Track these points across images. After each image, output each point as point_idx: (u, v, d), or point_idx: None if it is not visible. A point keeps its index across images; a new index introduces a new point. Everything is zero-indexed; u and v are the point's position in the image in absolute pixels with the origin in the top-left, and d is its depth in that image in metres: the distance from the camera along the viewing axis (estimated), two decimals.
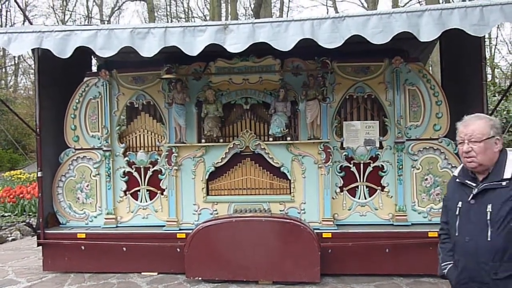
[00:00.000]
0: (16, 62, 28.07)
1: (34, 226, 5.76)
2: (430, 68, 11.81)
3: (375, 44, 3.80)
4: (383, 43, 3.76)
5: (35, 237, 7.45)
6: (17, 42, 4.10)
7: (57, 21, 28.61)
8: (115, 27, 4.03)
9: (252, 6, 19.05)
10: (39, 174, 5.62)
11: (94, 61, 7.03)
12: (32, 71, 28.03)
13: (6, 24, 25.84)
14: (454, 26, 3.65)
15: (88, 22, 27.52)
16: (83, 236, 5.55)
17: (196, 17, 28.48)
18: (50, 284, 5.30)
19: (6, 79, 28.58)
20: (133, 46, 3.98)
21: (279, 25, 3.83)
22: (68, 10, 29.11)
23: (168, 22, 25.22)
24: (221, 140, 5.53)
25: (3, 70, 26.41)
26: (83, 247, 5.55)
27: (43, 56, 5.39)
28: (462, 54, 5.57)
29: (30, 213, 8.96)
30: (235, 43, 3.82)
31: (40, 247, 5.75)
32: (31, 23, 6.37)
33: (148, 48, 3.95)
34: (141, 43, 3.96)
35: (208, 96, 5.44)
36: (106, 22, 27.22)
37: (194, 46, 3.90)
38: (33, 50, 5.04)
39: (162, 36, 3.93)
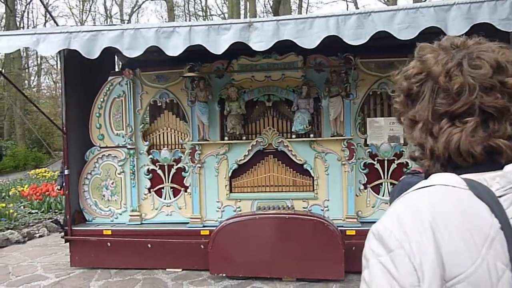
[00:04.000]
0: (39, 62, 28.69)
1: (61, 223, 5.89)
2: None
3: (399, 39, 3.76)
4: (408, 39, 3.71)
5: (62, 233, 7.66)
6: (46, 43, 4.19)
7: (76, 21, 29.09)
8: (141, 27, 4.09)
9: (271, 3, 19.00)
10: (66, 172, 5.74)
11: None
12: (55, 71, 28.71)
13: (28, 26, 26.39)
14: (483, 21, 3.58)
15: (107, 23, 27.91)
16: (109, 232, 5.65)
17: (215, 15, 28.55)
18: (77, 280, 5.41)
19: (29, 79, 29.24)
20: (159, 45, 4.02)
21: (303, 22, 3.81)
22: (87, 10, 29.54)
23: (186, 20, 25.33)
24: (244, 138, 5.56)
25: (27, 70, 26.99)
26: (109, 244, 5.65)
27: (68, 56, 5.50)
28: None
29: (56, 210, 9.14)
30: (259, 41, 3.83)
31: (67, 244, 5.88)
32: (57, 24, 6.50)
33: (174, 47, 3.98)
34: (166, 42, 4.00)
35: (230, 93, 5.46)
36: (126, 21, 27.52)
37: (219, 44, 3.92)
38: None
39: (187, 34, 3.96)
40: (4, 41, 4.24)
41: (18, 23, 21.93)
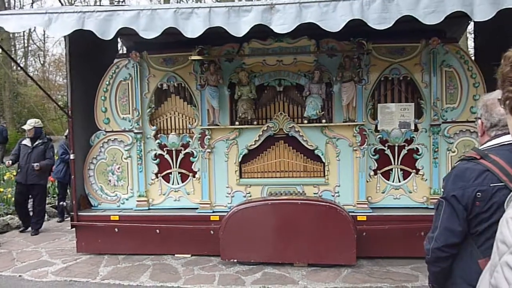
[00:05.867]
0: (26, 44, 27.91)
1: (68, 209, 5.79)
2: None
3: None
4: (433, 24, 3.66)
5: (64, 219, 7.57)
6: (58, 23, 4.03)
7: (63, 3, 28.24)
8: (158, 7, 3.96)
9: None
10: (72, 156, 5.63)
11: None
12: (42, 53, 27.99)
13: (15, 7, 25.57)
14: (509, 6, 3.53)
15: (97, 4, 27.11)
16: (117, 218, 5.58)
17: None
18: (85, 265, 5.35)
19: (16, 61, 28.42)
20: (177, 27, 3.91)
21: (327, 5, 3.73)
22: None
23: (179, 2, 24.77)
24: (255, 123, 5.49)
25: (14, 52, 26.25)
26: (116, 229, 5.58)
27: (73, 38, 5.33)
28: (498, 33, 5.43)
29: (55, 195, 8.98)
30: (282, 23, 3.74)
31: (69, 229, 5.82)
32: (62, 4, 6.28)
33: (192, 29, 3.88)
34: (185, 24, 3.89)
35: (241, 78, 5.37)
36: (116, 2, 26.82)
37: (239, 27, 3.83)
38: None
39: (206, 16, 3.85)
40: (14, 20, 4.06)
41: (5, 3, 21.20)
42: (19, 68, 26.69)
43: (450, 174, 1.93)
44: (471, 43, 15.67)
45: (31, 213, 7.12)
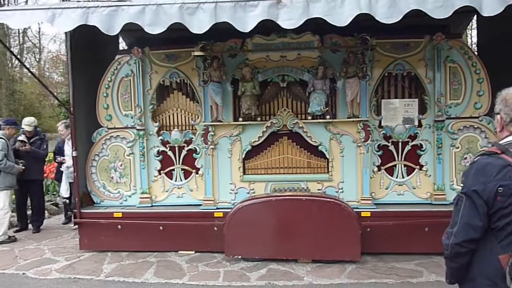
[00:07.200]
0: (21, 42, 27.68)
1: (71, 206, 5.77)
2: None
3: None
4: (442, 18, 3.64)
5: (63, 216, 7.53)
6: (62, 18, 3.99)
7: None
8: (163, 2, 3.91)
9: None
10: (74, 153, 5.59)
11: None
12: (37, 50, 27.77)
13: (9, 3, 25.31)
14: None
15: None
16: (120, 215, 5.55)
17: None
18: (89, 262, 5.32)
19: (11, 58, 28.23)
20: (183, 22, 3.87)
21: None
22: None
23: None
24: (258, 119, 5.46)
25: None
26: (119, 226, 5.55)
27: (74, 34, 5.28)
28: (501, 28, 5.42)
29: (55, 193, 8.95)
30: (288, 18, 3.71)
31: (70, 226, 5.75)
32: None
33: (199, 25, 3.84)
34: (191, 19, 3.85)
35: (245, 73, 5.34)
36: None
37: (246, 22, 3.80)
38: None
39: (212, 11, 3.82)
40: (18, 16, 4.02)
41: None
42: (14, 65, 26.53)
43: (470, 169, 1.91)
44: (469, 39, 15.73)
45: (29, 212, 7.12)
